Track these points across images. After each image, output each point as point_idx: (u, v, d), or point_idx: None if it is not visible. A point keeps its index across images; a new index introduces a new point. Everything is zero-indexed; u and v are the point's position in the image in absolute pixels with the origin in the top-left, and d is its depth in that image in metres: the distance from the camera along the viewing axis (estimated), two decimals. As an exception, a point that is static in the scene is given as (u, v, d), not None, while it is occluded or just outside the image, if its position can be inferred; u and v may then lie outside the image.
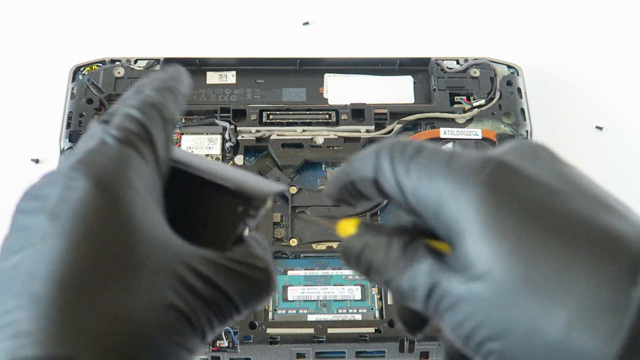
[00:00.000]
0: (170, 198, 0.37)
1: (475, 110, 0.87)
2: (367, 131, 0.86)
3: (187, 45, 0.97)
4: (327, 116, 0.86)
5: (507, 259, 0.33)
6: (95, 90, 0.86)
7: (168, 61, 0.89)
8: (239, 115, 0.86)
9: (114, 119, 0.37)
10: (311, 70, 0.91)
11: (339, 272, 0.78)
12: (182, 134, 0.85)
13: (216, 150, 0.84)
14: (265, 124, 0.86)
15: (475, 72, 0.89)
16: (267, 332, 0.73)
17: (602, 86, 0.97)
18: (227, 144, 0.84)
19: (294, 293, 0.76)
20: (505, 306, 0.33)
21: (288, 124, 0.86)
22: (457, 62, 0.91)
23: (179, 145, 0.84)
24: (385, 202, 0.79)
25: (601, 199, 0.34)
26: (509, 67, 0.91)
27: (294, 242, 0.79)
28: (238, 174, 0.40)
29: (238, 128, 0.85)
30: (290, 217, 0.80)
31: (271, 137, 0.85)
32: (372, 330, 0.74)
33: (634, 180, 0.89)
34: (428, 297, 0.35)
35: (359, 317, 0.75)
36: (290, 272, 0.78)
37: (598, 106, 0.95)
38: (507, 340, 0.33)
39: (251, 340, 0.73)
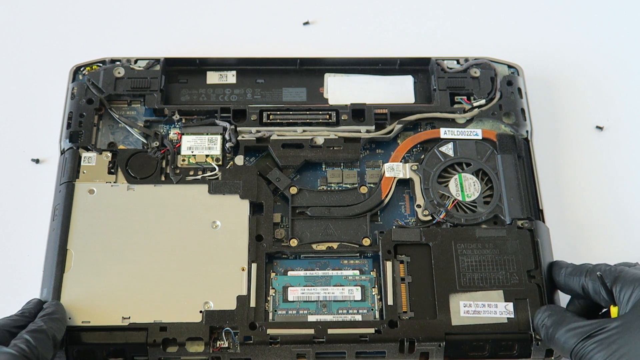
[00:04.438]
0: None
1: (476, 110, 0.87)
2: (367, 131, 0.86)
3: (187, 45, 0.97)
4: (327, 116, 0.86)
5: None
6: (95, 90, 0.86)
7: (168, 61, 0.89)
8: (239, 115, 0.86)
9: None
10: (311, 70, 0.91)
11: (339, 272, 0.78)
12: (182, 134, 0.85)
13: (216, 150, 0.84)
14: (266, 124, 0.86)
15: (475, 72, 0.89)
16: (268, 332, 0.73)
17: (602, 86, 0.97)
18: (227, 144, 0.84)
19: (294, 293, 0.76)
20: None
21: (288, 124, 0.86)
22: (458, 62, 0.91)
23: (179, 145, 0.84)
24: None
25: None
26: (509, 67, 0.91)
27: (294, 242, 0.79)
28: None
29: (238, 128, 0.85)
30: None
31: (271, 137, 0.85)
32: (372, 330, 0.74)
33: (634, 180, 0.89)
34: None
35: (359, 317, 0.75)
36: (290, 273, 0.78)
37: (598, 106, 0.95)
38: None
39: (251, 341, 0.73)
